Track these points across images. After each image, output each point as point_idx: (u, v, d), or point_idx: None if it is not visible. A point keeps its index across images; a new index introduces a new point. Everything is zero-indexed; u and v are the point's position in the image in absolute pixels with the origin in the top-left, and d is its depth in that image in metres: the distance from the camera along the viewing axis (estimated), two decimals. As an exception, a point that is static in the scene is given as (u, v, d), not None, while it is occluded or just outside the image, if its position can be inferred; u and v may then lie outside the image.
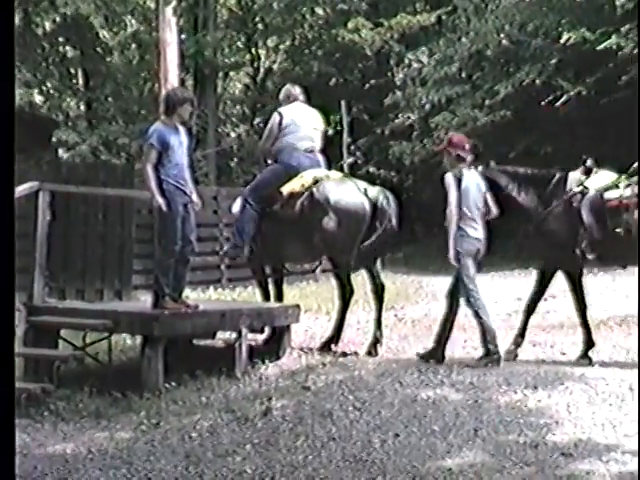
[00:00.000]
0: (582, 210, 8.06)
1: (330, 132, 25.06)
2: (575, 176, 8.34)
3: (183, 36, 23.36)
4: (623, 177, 8.14)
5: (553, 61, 19.57)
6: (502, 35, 21.55)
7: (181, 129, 8.06)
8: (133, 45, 28.10)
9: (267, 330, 8.98)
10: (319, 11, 28.14)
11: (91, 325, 7.95)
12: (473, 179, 8.33)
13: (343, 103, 18.61)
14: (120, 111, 26.99)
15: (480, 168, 8.61)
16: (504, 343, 9.03)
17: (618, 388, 6.94)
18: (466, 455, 5.52)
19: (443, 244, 8.91)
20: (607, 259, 8.59)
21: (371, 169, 23.46)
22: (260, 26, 29.18)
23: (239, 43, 30.03)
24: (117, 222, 12.84)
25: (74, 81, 28.66)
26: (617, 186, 8.07)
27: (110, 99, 27.64)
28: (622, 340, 9.10)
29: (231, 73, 30.81)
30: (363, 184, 9.21)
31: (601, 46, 17.58)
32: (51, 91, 27.61)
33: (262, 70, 30.51)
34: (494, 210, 8.39)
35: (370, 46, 24.94)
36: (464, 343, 9.27)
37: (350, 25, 24.67)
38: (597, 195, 8.09)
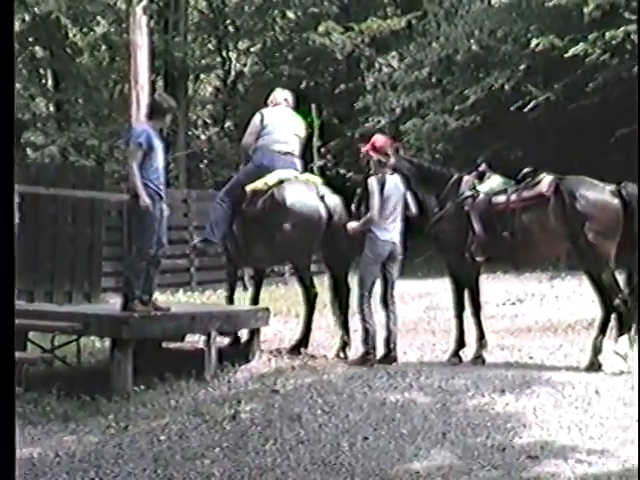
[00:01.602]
0: (471, 213, 8.24)
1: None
2: (469, 179, 8.53)
3: (154, 38, 23.31)
4: (512, 182, 8.34)
5: (522, 67, 19.73)
6: (472, 40, 21.68)
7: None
8: (103, 46, 27.90)
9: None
10: (290, 14, 28.13)
11: (60, 328, 7.91)
12: (394, 183, 8.51)
13: (313, 106, 18.63)
14: (90, 113, 26.77)
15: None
16: (471, 347, 9.12)
17: (584, 391, 7.01)
18: (434, 458, 5.56)
19: (412, 246, 8.98)
20: (496, 262, 8.80)
21: (342, 171, 23.51)
22: (231, 29, 29.11)
23: (210, 45, 29.94)
24: (86, 224, 12.79)
25: (43, 82, 28.45)
26: (505, 191, 8.26)
27: (80, 100, 27.44)
28: (589, 344, 9.16)
29: (202, 75, 30.72)
30: (325, 190, 9.21)
31: (569, 53, 17.74)
32: (20, 91, 27.39)
33: (233, 73, 30.44)
34: (413, 209, 8.58)
35: (341, 50, 24.96)
36: (433, 347, 9.32)
37: (321, 29, 24.69)
38: (486, 199, 8.29)
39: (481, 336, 8.55)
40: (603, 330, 8.13)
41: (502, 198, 8.24)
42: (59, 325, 7.91)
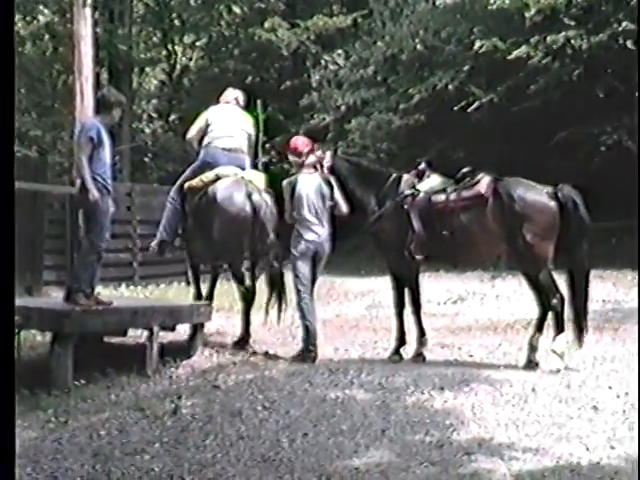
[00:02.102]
0: (411, 212, 8.36)
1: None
2: (408, 178, 8.64)
3: (98, 29, 23.07)
4: (451, 181, 8.47)
5: (466, 67, 19.93)
6: (417, 40, 21.85)
7: None
8: (47, 36, 27.57)
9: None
10: (236, 9, 28.07)
11: (-1, 321, 7.82)
12: (310, 183, 8.65)
13: (259, 102, 18.63)
14: (33, 103, 26.47)
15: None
16: (412, 345, 9.21)
17: (521, 389, 7.12)
18: (373, 455, 5.61)
19: (356, 245, 9.07)
20: (436, 260, 8.95)
21: (286, 166, 23.52)
22: (177, 22, 28.99)
23: (155, 39, 29.78)
24: (28, 217, 12.61)
25: (-16, 71, 28.02)
26: (445, 190, 8.37)
27: (22, 90, 27.08)
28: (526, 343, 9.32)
29: (147, 69, 30.54)
30: (258, 187, 9.25)
31: (512, 55, 17.98)
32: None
33: (178, 67, 30.30)
34: (343, 208, 8.71)
35: (287, 46, 25.00)
36: (374, 344, 9.40)
37: (267, 24, 24.71)
38: (425, 198, 8.40)
39: (421, 334, 8.65)
40: (540, 329, 8.28)
41: (441, 197, 8.33)
42: (-2, 318, 7.81)
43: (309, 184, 8.65)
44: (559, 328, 8.06)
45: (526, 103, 18.57)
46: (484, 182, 8.21)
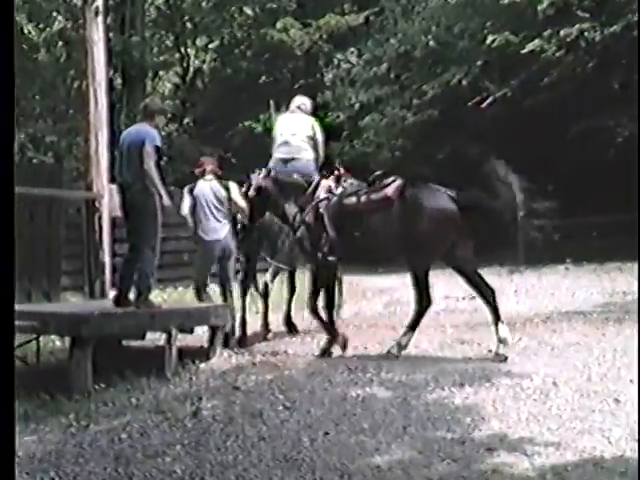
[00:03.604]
0: (325, 216, 8.65)
1: (259, 129, 25.17)
2: (326, 183, 8.95)
3: (111, 35, 23.10)
4: (364, 185, 8.82)
5: (479, 63, 19.87)
6: (429, 36, 21.82)
7: None
8: (60, 42, 27.63)
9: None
10: (248, 11, 28.09)
11: (19, 327, 7.82)
12: (207, 189, 9.63)
13: (272, 102, 18.64)
14: (48, 109, 26.54)
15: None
16: (432, 341, 9.20)
17: (542, 384, 7.09)
18: (395, 452, 5.59)
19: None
20: (350, 262, 9.20)
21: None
22: (189, 25, 29.01)
23: (168, 42, 29.82)
24: (45, 222, 12.65)
25: (-1, 78, 28.10)
26: (357, 193, 8.67)
27: (37, 97, 27.17)
28: (547, 337, 9.29)
29: (160, 72, 30.56)
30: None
31: (525, 49, 17.91)
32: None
33: (191, 69, 30.33)
34: (240, 203, 9.51)
35: (299, 46, 25.00)
36: (393, 342, 9.36)
37: (279, 25, 24.71)
38: (338, 201, 8.70)
39: (332, 333, 8.90)
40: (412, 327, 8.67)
41: (353, 200, 8.64)
42: (18, 324, 7.82)
43: (201, 190, 9.67)
44: (497, 318, 8.45)
45: (540, 96, 18.50)
46: (392, 186, 8.54)
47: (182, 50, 29.79)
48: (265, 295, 10.35)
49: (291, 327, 10.41)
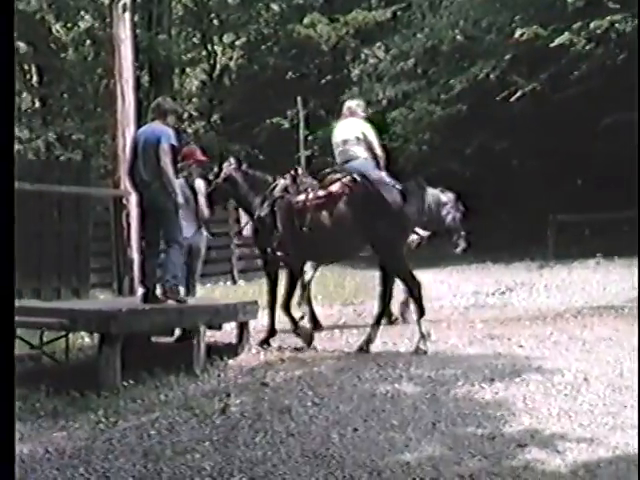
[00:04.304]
0: (277, 213, 9.02)
1: (286, 125, 25.18)
2: (283, 183, 9.23)
3: (138, 32, 23.16)
4: (316, 183, 9.06)
5: (507, 57, 19.75)
6: (456, 31, 21.73)
7: None
8: (87, 41, 27.78)
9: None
10: (274, 7, 28.11)
11: (48, 324, 7.88)
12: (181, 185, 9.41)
13: (299, 99, 18.64)
14: (75, 107, 26.67)
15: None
16: (461, 336, 9.14)
17: (573, 379, 7.03)
18: (424, 448, 5.55)
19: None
20: (299, 257, 9.36)
21: (329, 159, 23.60)
22: (215, 22, 29.05)
23: (195, 39, 29.88)
24: (73, 220, 12.72)
25: (28, 77, 28.29)
26: (306, 190, 8.95)
27: (65, 95, 27.33)
28: (578, 332, 9.21)
29: (187, 70, 30.66)
30: None
31: (554, 43, 17.76)
32: (5, 87, 27.22)
33: (218, 66, 30.38)
34: (205, 211, 9.67)
35: (326, 42, 24.98)
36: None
37: (306, 21, 24.69)
38: (290, 199, 9.02)
39: (271, 329, 9.20)
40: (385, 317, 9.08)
41: (302, 197, 8.91)
42: (47, 321, 7.88)
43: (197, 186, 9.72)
44: (421, 312, 8.57)
45: (569, 90, 18.36)
46: (339, 182, 8.79)
47: (209, 47, 29.85)
48: (308, 290, 10.46)
49: (316, 324, 10.38)
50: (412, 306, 9.16)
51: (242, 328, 8.86)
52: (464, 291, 13.35)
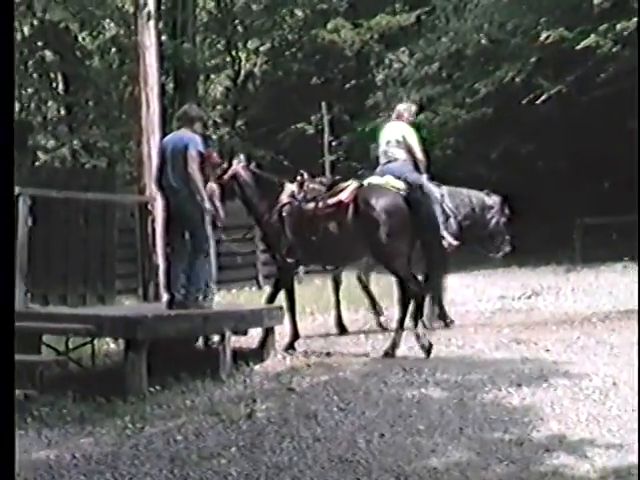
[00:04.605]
0: (285, 219, 9.11)
1: (311, 131, 25.18)
2: (290, 187, 9.34)
3: (163, 39, 23.25)
4: (324, 190, 9.20)
5: (532, 60, 19.66)
6: (481, 34, 21.66)
7: None
8: (113, 49, 27.92)
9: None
10: (298, 12, 28.14)
11: (74, 330, 7.91)
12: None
13: (323, 104, 18.66)
14: (100, 115, 26.80)
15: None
16: (488, 341, 9.10)
17: (602, 384, 6.97)
18: (452, 454, 5.52)
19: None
20: (308, 263, 9.94)
21: (353, 164, 23.72)
22: (240, 28, 29.10)
23: (219, 46, 29.94)
24: (99, 226, 12.77)
25: (54, 85, 28.48)
26: (315, 198, 9.08)
27: (90, 103, 27.47)
28: (605, 336, 9.13)
29: (212, 76, 30.74)
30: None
31: (580, 45, 17.65)
32: (32, 95, 27.43)
33: (243, 72, 30.44)
34: (221, 215, 9.44)
35: (350, 47, 24.97)
36: (448, 342, 9.29)
37: (330, 26, 24.68)
38: (298, 206, 9.12)
39: (294, 334, 9.31)
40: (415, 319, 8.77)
41: (311, 205, 9.07)
42: (73, 327, 7.90)
43: None
44: (419, 315, 8.69)
45: (595, 93, 18.24)
46: (347, 190, 8.94)
47: (233, 53, 29.91)
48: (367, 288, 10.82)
49: (342, 328, 10.40)
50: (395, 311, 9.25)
51: (267, 333, 8.85)
52: (490, 295, 13.28)
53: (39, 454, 6.06)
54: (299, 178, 9.40)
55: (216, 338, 8.53)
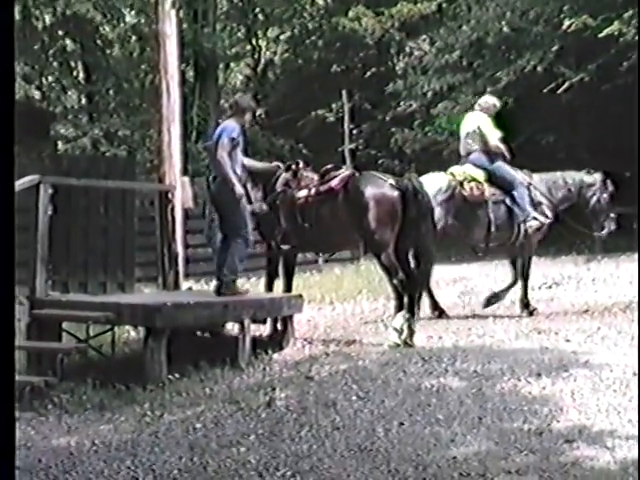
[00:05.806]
0: (280, 208, 9.19)
1: (331, 119, 25.13)
2: (285, 176, 9.36)
3: (183, 27, 23.23)
4: (317, 178, 9.24)
5: (554, 48, 19.51)
6: (503, 22, 21.49)
7: None
8: (133, 38, 27.91)
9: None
10: (319, 1, 28.04)
11: (94, 317, 7.94)
12: None
13: (344, 92, 18.62)
14: (121, 104, 26.83)
15: None
16: (507, 331, 9.07)
17: (622, 374, 6.93)
18: (470, 443, 5.51)
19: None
20: (302, 250, 10.02)
21: (372, 152, 23.69)
22: (260, 17, 29.04)
23: (239, 34, 29.90)
24: (119, 214, 12.81)
25: (74, 74, 28.54)
26: (307, 186, 9.16)
27: (111, 92, 27.52)
28: (626, 326, 9.08)
29: (232, 64, 30.70)
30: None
31: (603, 33, 17.50)
32: (52, 84, 27.50)
33: (263, 61, 30.40)
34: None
35: (371, 35, 24.85)
36: (468, 331, 9.26)
37: (350, 14, 24.58)
38: (292, 194, 9.21)
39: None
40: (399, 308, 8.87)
41: (304, 193, 9.13)
42: (93, 315, 7.94)
43: None
44: (399, 306, 8.81)
45: (618, 81, 18.10)
46: (338, 178, 9.02)
47: (253, 42, 29.86)
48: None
49: (440, 311, 10.59)
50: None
51: (286, 322, 8.85)
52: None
53: (59, 440, 6.10)
54: (294, 167, 9.45)
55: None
